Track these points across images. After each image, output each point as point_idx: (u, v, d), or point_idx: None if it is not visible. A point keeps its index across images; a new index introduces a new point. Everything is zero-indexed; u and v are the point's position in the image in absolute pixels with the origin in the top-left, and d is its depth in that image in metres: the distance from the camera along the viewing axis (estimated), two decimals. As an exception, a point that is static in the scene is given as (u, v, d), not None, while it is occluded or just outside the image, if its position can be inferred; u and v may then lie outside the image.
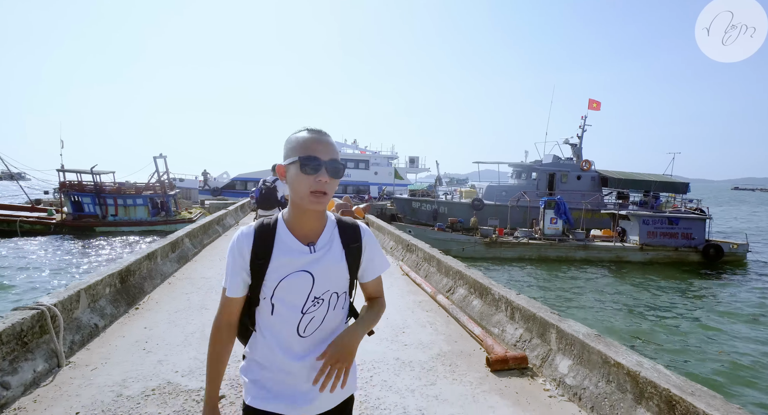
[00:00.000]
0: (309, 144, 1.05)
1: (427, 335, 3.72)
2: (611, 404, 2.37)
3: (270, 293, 1.08)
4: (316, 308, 1.09)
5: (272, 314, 1.09)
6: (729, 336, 8.21)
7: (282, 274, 1.07)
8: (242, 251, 1.08)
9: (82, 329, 3.33)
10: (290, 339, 1.08)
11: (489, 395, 2.69)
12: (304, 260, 1.08)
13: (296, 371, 1.09)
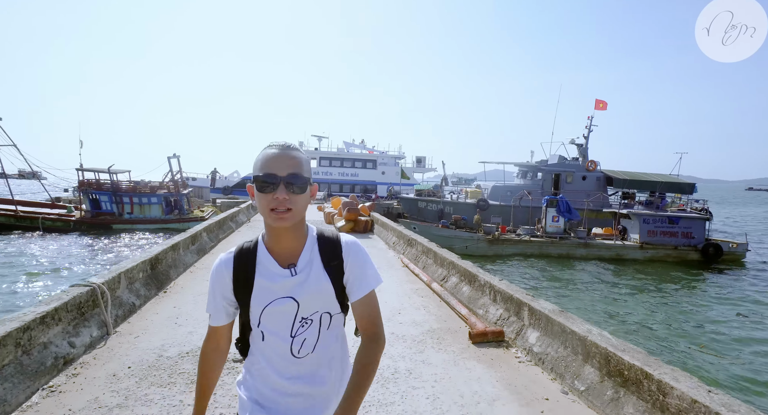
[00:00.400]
0: (267, 161, 1.01)
1: (420, 315, 4.22)
2: (566, 364, 2.86)
3: (256, 322, 1.05)
4: (305, 329, 1.06)
5: (263, 340, 1.06)
6: (712, 326, 8.56)
7: (265, 301, 1.04)
8: (222, 279, 1.06)
9: (123, 305, 3.89)
10: (285, 362, 1.06)
11: (468, 361, 3.19)
12: (285, 284, 1.04)
13: (292, 393, 1.07)
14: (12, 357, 2.49)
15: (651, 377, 2.21)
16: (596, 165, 25.04)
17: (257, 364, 1.08)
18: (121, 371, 2.85)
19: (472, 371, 3.01)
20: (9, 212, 18.52)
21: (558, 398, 2.66)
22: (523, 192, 20.72)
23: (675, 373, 2.21)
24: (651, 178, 25.33)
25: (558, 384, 2.84)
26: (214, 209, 23.43)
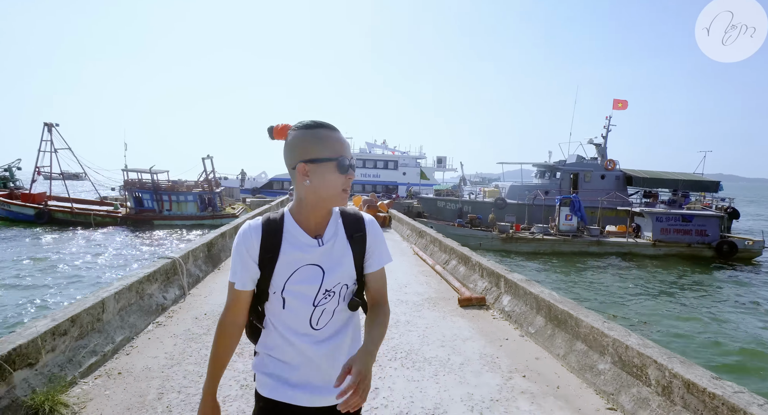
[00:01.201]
0: (338, 144, 1.07)
1: (422, 288, 5.21)
2: (525, 317, 3.80)
3: (280, 287, 1.08)
4: (327, 301, 1.11)
5: (284, 308, 1.10)
6: (714, 318, 9.11)
7: (293, 267, 1.08)
8: (251, 244, 1.08)
9: (191, 275, 5.06)
10: (304, 332, 1.10)
11: (453, 317, 4.16)
12: (313, 253, 1.09)
13: (312, 362, 1.10)
14: (134, 300, 3.65)
15: (572, 316, 3.14)
16: (615, 164, 25.21)
17: (272, 340, 1.12)
18: (200, 316, 3.98)
19: (456, 323, 3.99)
20: (66, 209, 20.58)
21: (515, 339, 3.62)
22: (537, 191, 21.24)
23: (587, 312, 3.14)
24: (672, 177, 25.27)
25: (518, 331, 3.79)
26: (244, 207, 25.01)
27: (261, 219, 1.13)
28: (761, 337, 8.12)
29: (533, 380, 2.88)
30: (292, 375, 1.10)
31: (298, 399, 1.09)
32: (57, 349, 2.62)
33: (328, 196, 1.08)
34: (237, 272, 1.09)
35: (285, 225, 1.10)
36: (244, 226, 1.11)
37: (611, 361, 2.73)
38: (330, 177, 1.06)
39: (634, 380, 2.52)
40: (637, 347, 2.54)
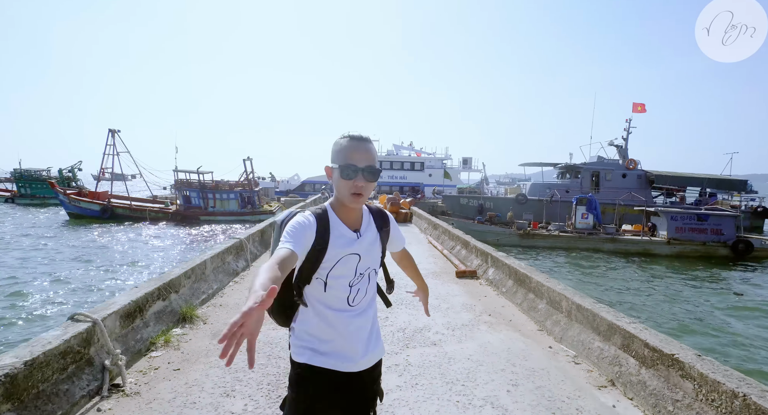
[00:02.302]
0: (348, 152, 1.25)
1: (430, 265, 6.56)
2: (501, 281, 5.09)
3: (325, 274, 1.27)
4: (359, 282, 1.32)
5: (325, 290, 1.29)
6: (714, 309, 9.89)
7: (338, 256, 1.27)
8: (310, 230, 1.23)
9: (252, 253, 6.62)
10: (343, 308, 1.30)
11: (450, 284, 5.49)
12: (354, 244, 1.30)
13: (350, 333, 1.31)
14: (220, 264, 5.21)
15: (528, 277, 4.42)
16: (636, 164, 25.44)
17: (310, 318, 1.31)
18: (264, 278, 5.50)
19: (450, 287, 5.32)
20: (126, 206, 23.19)
21: (491, 296, 4.92)
22: (554, 190, 21.98)
23: (539, 274, 4.41)
24: (695, 176, 25.24)
25: (495, 291, 5.09)
26: (280, 205, 27.01)
27: (311, 213, 1.27)
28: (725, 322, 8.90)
29: (495, 317, 4.19)
30: (326, 347, 1.28)
31: (331, 364, 1.27)
32: (186, 286, 4.17)
33: (342, 197, 1.28)
34: (293, 240, 1.16)
35: (330, 221, 1.28)
36: (303, 213, 1.27)
37: (546, 302, 4.01)
38: (340, 181, 1.25)
39: (555, 311, 3.80)
40: (558, 289, 3.81)
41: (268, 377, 2.82)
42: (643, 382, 2.59)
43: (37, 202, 31.26)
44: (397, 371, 2.98)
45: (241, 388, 2.67)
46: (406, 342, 3.50)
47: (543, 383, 2.83)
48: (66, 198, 23.09)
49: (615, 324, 2.97)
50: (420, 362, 3.13)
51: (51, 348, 2.26)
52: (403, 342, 3.50)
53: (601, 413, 2.49)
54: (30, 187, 32.19)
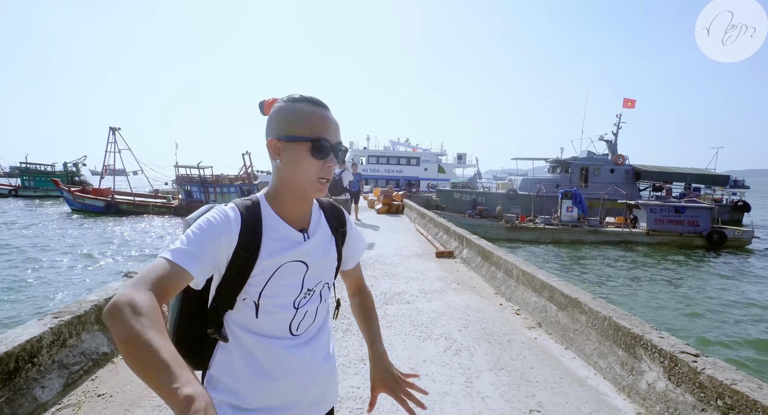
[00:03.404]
0: (317, 122, 0.88)
1: (414, 248, 7.42)
2: (472, 259, 5.96)
3: (257, 292, 0.87)
4: (307, 301, 0.94)
5: (257, 316, 0.88)
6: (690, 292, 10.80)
7: (276, 265, 0.88)
8: (230, 233, 0.83)
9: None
10: (281, 336, 0.91)
11: (429, 262, 6.35)
12: (298, 249, 0.91)
13: (293, 372, 0.92)
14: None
15: (492, 253, 5.29)
16: (624, 159, 26.35)
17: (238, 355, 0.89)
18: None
19: (428, 264, 6.18)
20: (129, 202, 23.96)
21: (462, 270, 5.78)
22: (540, 185, 22.89)
23: (499, 249, 5.28)
24: (680, 171, 26.19)
25: (466, 267, 5.95)
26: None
27: (237, 207, 0.87)
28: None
29: (462, 285, 5.05)
30: (255, 399, 0.88)
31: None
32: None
33: (300, 183, 0.89)
34: (191, 251, 0.77)
35: (264, 217, 0.88)
36: (220, 207, 0.87)
37: (503, 272, 4.87)
38: (303, 161, 0.87)
39: (508, 278, 4.67)
40: (512, 261, 4.68)
41: None
42: (558, 321, 3.46)
43: (40, 195, 32.00)
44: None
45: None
46: (385, 301, 4.36)
47: (487, 326, 3.69)
48: (70, 195, 23.82)
49: (546, 282, 3.84)
50: (395, 313, 3.99)
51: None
52: (383, 301, 4.35)
53: (524, 341, 3.36)
54: (34, 181, 32.90)
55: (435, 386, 2.62)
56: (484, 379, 2.72)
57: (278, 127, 0.89)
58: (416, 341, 3.33)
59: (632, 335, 2.61)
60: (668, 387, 2.27)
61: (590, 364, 2.91)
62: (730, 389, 1.91)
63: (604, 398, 2.52)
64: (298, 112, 0.89)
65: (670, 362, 2.29)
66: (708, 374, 2.04)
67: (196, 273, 0.78)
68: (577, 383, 2.70)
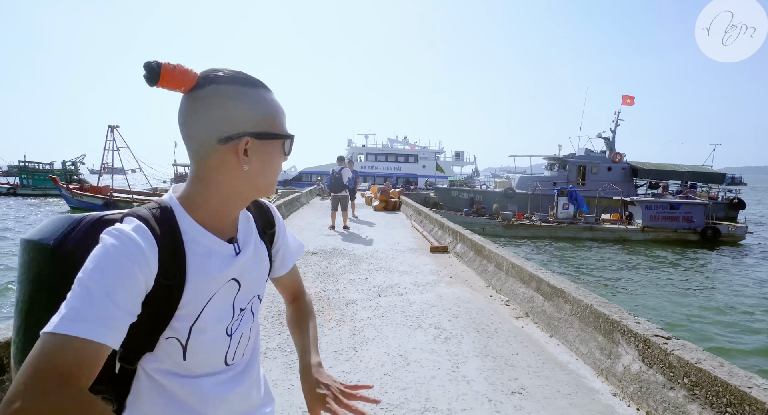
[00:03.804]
0: (277, 113, 0.73)
1: (409, 244, 7.53)
2: (465, 253, 6.08)
3: (187, 328, 0.68)
4: (239, 324, 0.77)
5: (185, 357, 0.69)
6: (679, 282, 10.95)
7: (210, 292, 0.70)
8: (146, 266, 0.62)
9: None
10: (213, 372, 0.74)
11: (424, 256, 6.47)
12: (232, 266, 0.73)
13: (229, 409, 0.77)
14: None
15: (483, 247, 5.41)
16: (622, 157, 26.50)
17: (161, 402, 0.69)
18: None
19: (423, 259, 6.30)
20: (128, 199, 24.02)
21: (455, 264, 5.90)
22: (536, 183, 23.03)
23: (491, 243, 5.40)
24: (677, 169, 26.35)
25: (459, 261, 6.08)
26: (277, 196, 27.94)
27: (138, 225, 0.64)
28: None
29: (454, 278, 5.17)
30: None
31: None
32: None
33: (266, 185, 0.74)
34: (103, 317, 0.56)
35: (183, 230, 0.68)
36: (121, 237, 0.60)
37: (494, 265, 5.00)
38: (276, 160, 0.73)
39: (498, 271, 4.79)
40: (502, 254, 4.80)
41: (271, 312, 3.79)
42: (545, 310, 3.59)
43: (39, 193, 32.05)
44: (369, 310, 3.95)
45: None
46: (379, 293, 4.48)
47: (476, 316, 3.81)
48: (69, 193, 23.86)
49: (533, 274, 3.96)
50: (388, 304, 4.11)
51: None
52: (376, 293, 4.47)
53: (511, 330, 3.48)
54: (33, 179, 32.93)
55: (423, 370, 2.74)
56: (470, 364, 2.84)
57: (249, 122, 0.69)
58: (407, 330, 3.44)
59: (611, 322, 2.73)
60: (642, 368, 2.39)
61: (572, 350, 3.03)
62: (695, 368, 2.03)
63: (583, 380, 2.65)
64: (265, 101, 0.71)
65: (644, 345, 2.41)
66: (676, 354, 2.16)
67: (115, 342, 0.58)
68: (558, 367, 2.83)
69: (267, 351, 2.97)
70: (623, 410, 2.30)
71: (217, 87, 0.68)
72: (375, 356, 2.94)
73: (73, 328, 0.54)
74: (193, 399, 0.72)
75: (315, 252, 6.55)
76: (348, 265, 5.74)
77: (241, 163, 0.69)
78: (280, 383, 2.55)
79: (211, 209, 0.72)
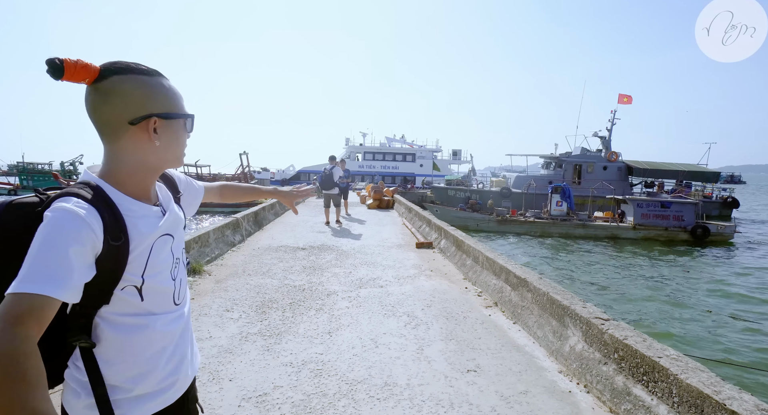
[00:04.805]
0: (177, 96, 0.90)
1: (397, 240, 7.77)
2: (448, 248, 6.32)
3: (139, 274, 0.85)
4: (178, 270, 0.97)
5: (143, 299, 0.87)
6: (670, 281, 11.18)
7: (149, 245, 0.87)
8: (93, 236, 0.76)
9: (246, 231, 7.81)
10: (168, 310, 0.93)
11: (409, 252, 6.71)
12: (163, 223, 0.91)
13: (182, 340, 0.96)
14: (220, 236, 6.40)
15: (463, 242, 5.65)
16: (617, 156, 26.71)
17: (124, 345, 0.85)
18: (257, 247, 6.70)
19: (408, 254, 6.54)
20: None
21: (438, 259, 6.14)
22: (531, 181, 23.24)
23: (470, 238, 5.64)
24: (671, 168, 26.56)
25: (441, 256, 6.31)
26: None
27: (77, 200, 0.77)
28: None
29: (435, 272, 5.41)
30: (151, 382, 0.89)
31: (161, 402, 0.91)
32: (195, 249, 5.36)
33: (174, 158, 0.92)
34: (59, 276, 0.70)
35: (116, 201, 0.83)
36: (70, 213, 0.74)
37: (472, 259, 5.24)
38: (181, 137, 0.92)
39: (475, 264, 5.03)
40: (479, 248, 5.04)
41: (256, 302, 4.03)
42: (511, 300, 3.83)
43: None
44: (348, 300, 4.20)
45: (236, 307, 3.88)
46: (359, 285, 4.72)
47: (449, 306, 4.05)
48: (69, 190, 24.13)
49: (504, 266, 4.20)
50: (366, 295, 4.35)
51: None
52: (357, 285, 4.72)
53: (479, 318, 3.72)
54: (32, 180, 33.15)
55: (389, 352, 2.99)
56: (434, 347, 3.08)
57: (153, 105, 0.84)
58: (381, 318, 3.69)
59: (562, 307, 2.97)
60: (584, 348, 2.64)
61: (531, 335, 3.28)
62: (622, 344, 2.28)
63: (535, 360, 2.89)
64: (165, 87, 0.87)
65: (586, 326, 2.65)
66: (610, 333, 2.40)
67: (64, 296, 0.71)
68: (515, 349, 3.07)
69: (248, 336, 3.21)
70: (565, 385, 2.54)
71: (120, 77, 0.81)
72: (347, 340, 3.19)
73: (25, 287, 0.68)
74: (157, 333, 0.89)
75: (304, 248, 6.79)
76: (335, 260, 5.98)
77: (152, 139, 0.85)
78: (257, 362, 2.79)
79: (135, 183, 0.88)
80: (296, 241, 7.39)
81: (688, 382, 1.80)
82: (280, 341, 3.13)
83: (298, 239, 7.53)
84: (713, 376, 1.84)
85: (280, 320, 3.55)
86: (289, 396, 2.38)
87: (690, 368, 1.91)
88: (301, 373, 2.66)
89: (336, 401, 2.34)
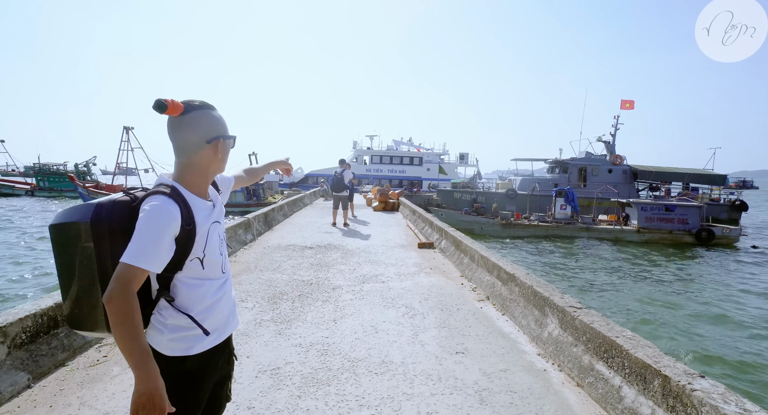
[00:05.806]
0: (226, 124, 1.31)
1: (400, 240, 8.12)
2: (448, 248, 6.65)
3: (201, 250, 1.23)
4: (223, 248, 1.37)
5: (203, 268, 1.26)
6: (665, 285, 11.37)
7: (207, 229, 1.25)
8: (175, 223, 1.14)
9: (257, 231, 8.22)
10: (218, 277, 1.31)
11: (411, 251, 7.06)
12: (213, 213, 1.30)
13: (228, 299, 1.36)
14: (233, 235, 6.80)
15: (462, 242, 5.98)
16: (622, 159, 26.79)
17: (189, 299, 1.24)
18: (268, 246, 7.09)
19: (409, 253, 6.89)
20: (139, 198, 25.00)
21: (438, 258, 6.48)
22: (534, 184, 23.43)
23: (468, 238, 5.97)
24: (677, 171, 26.57)
25: (441, 255, 6.65)
26: (283, 197, 28.68)
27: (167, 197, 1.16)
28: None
29: (434, 270, 5.75)
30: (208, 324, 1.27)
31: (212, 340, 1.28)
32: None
33: (224, 166, 1.35)
34: (154, 255, 1.10)
35: (187, 198, 1.21)
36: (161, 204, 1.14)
37: (469, 258, 5.57)
38: (229, 151, 1.34)
39: (472, 263, 5.36)
40: (475, 247, 5.37)
41: (268, 294, 4.41)
42: (501, 294, 4.16)
43: (55, 195, 33.19)
44: (352, 293, 4.56)
45: (250, 298, 4.26)
46: (363, 281, 5.08)
47: (444, 299, 4.39)
48: (85, 190, 24.86)
49: (496, 263, 4.53)
50: (369, 289, 4.71)
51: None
52: (361, 280, 5.07)
53: (471, 309, 4.06)
54: (48, 181, 34.10)
55: (387, 337, 3.34)
56: (428, 333, 3.43)
57: (217, 130, 1.26)
58: (381, 309, 4.04)
59: (543, 298, 3.30)
60: (559, 333, 2.97)
61: (516, 324, 3.61)
62: (589, 328, 2.61)
63: (517, 345, 3.22)
64: (221, 117, 1.29)
65: (562, 314, 2.98)
66: (580, 319, 2.73)
67: (157, 268, 1.12)
68: (501, 336, 3.40)
69: (262, 322, 3.59)
70: (541, 365, 2.87)
71: (199, 112, 1.23)
72: (350, 326, 3.55)
73: (132, 261, 1.07)
74: (211, 292, 1.28)
75: (312, 247, 7.18)
76: (340, 258, 6.35)
77: (218, 154, 1.28)
78: (271, 343, 3.16)
79: (199, 185, 1.28)
80: (304, 240, 7.78)
81: (636, 355, 2.13)
82: (290, 326, 3.50)
83: (305, 239, 7.92)
84: (657, 351, 2.16)
85: (290, 310, 3.92)
86: (298, 370, 2.75)
87: (640, 345, 2.24)
88: (309, 352, 3.02)
89: (339, 375, 2.70)
